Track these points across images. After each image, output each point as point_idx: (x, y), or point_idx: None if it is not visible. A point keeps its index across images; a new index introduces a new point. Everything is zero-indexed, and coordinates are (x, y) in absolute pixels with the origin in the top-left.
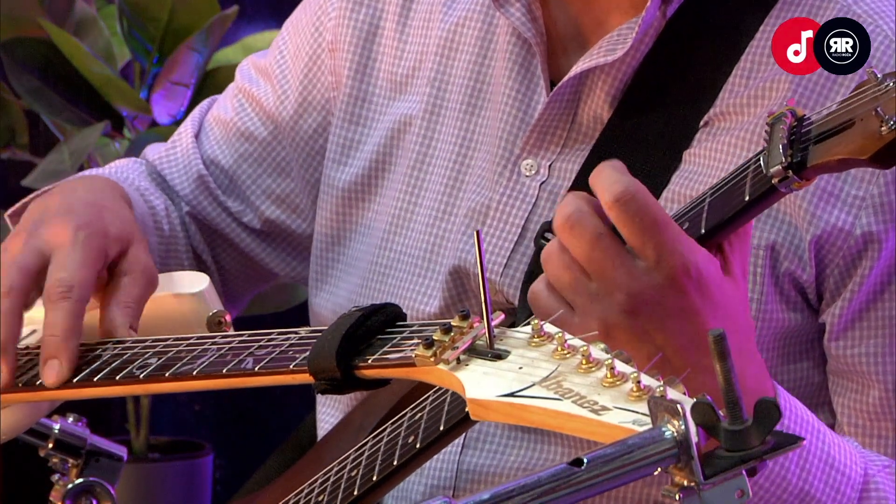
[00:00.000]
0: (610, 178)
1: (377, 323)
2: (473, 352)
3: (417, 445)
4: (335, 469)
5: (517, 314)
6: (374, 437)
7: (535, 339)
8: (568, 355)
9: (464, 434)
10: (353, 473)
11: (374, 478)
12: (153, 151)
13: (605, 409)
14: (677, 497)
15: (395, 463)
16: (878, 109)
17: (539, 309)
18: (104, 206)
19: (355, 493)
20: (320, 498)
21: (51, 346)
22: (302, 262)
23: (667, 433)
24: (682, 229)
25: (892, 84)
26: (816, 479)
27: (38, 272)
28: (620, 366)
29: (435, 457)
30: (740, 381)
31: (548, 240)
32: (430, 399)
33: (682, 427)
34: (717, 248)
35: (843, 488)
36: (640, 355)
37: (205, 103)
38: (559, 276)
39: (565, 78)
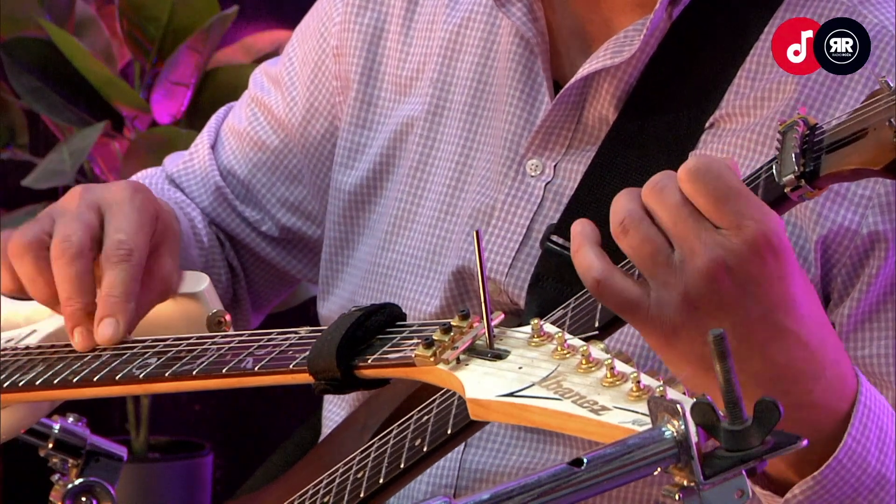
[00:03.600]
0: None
1: (377, 323)
2: (473, 352)
3: (424, 449)
4: (341, 470)
5: (524, 316)
6: (380, 439)
7: (534, 339)
8: (568, 355)
9: None
10: (359, 475)
11: (381, 480)
12: (171, 163)
13: (604, 409)
14: (677, 497)
15: (401, 466)
16: (892, 120)
17: (611, 294)
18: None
19: (361, 495)
20: (326, 499)
21: (110, 304)
22: None
23: (667, 433)
24: (756, 196)
25: None
26: (892, 462)
27: (99, 227)
28: (620, 366)
29: None
30: (822, 355)
31: (554, 242)
32: (437, 402)
33: (682, 427)
34: None
35: None
36: (723, 325)
37: (221, 112)
38: (641, 247)
39: (572, 80)
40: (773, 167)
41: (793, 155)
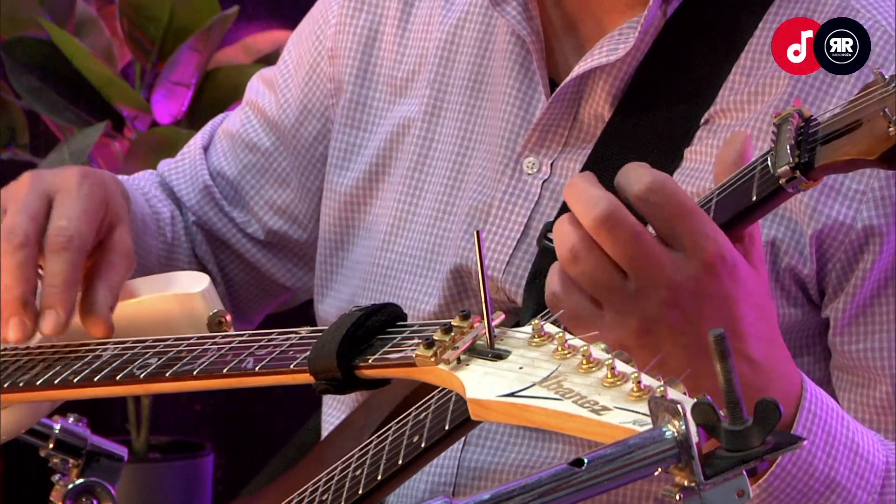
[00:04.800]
0: (637, 173)
1: (378, 323)
2: (474, 352)
3: (422, 445)
4: (339, 468)
5: (521, 313)
6: (378, 437)
7: (535, 339)
8: (568, 355)
9: None
10: (357, 473)
11: (379, 477)
12: (164, 164)
13: (605, 409)
14: (678, 497)
15: (399, 462)
16: (886, 110)
17: (559, 310)
18: (105, 174)
19: (360, 492)
20: (324, 497)
21: (50, 296)
22: (308, 272)
23: (667, 433)
24: (709, 217)
25: None
26: (842, 466)
27: (46, 216)
28: (621, 366)
29: None
30: (768, 369)
31: (551, 240)
32: (435, 399)
33: (683, 427)
34: (737, 239)
35: (867, 475)
36: (677, 347)
37: (218, 118)
38: (593, 275)
39: (567, 78)
40: (768, 159)
41: (788, 146)
